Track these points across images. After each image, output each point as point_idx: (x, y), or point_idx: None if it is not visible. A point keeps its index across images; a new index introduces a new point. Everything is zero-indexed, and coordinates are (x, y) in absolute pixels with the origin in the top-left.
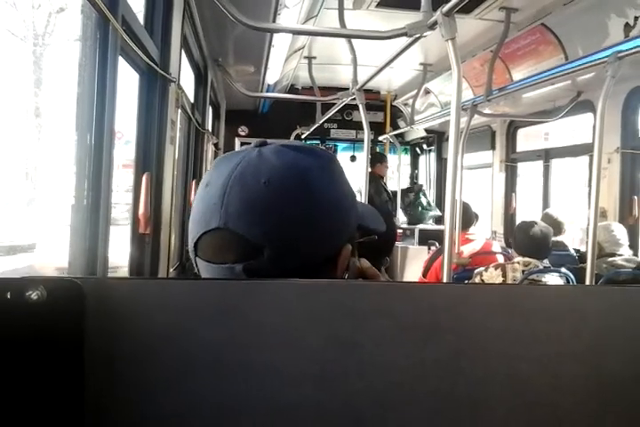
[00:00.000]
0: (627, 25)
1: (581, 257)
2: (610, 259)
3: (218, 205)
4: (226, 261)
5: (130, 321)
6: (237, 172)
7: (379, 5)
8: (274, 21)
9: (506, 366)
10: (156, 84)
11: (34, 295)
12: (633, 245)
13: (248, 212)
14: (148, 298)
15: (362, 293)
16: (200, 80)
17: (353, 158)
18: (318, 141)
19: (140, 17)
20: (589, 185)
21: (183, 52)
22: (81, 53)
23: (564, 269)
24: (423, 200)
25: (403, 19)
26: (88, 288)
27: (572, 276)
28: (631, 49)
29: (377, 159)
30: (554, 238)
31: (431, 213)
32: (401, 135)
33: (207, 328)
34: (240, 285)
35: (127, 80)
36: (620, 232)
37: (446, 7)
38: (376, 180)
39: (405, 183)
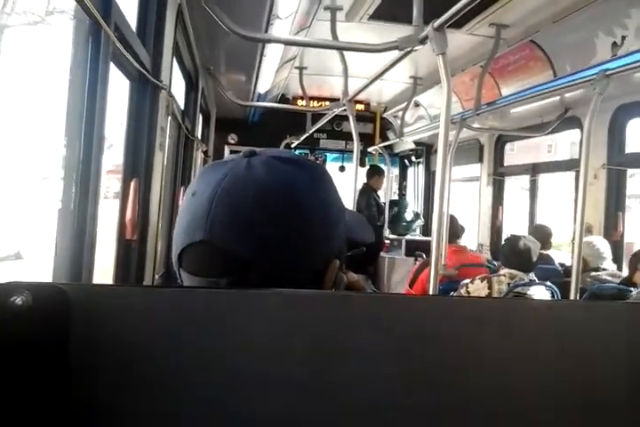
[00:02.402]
0: (614, 44)
1: (566, 271)
2: (594, 273)
3: (204, 217)
4: (210, 274)
5: (115, 328)
6: (225, 184)
7: (371, 18)
8: (266, 32)
9: (490, 378)
10: (146, 90)
11: (18, 300)
12: (617, 261)
13: (235, 226)
14: (134, 305)
15: (348, 303)
16: (191, 88)
17: (342, 169)
18: (307, 151)
19: (133, 23)
20: (575, 200)
21: (175, 59)
22: (72, 58)
23: (549, 283)
24: (407, 216)
25: (394, 32)
26: (74, 294)
27: (556, 289)
28: (618, 67)
29: (375, 172)
30: (540, 252)
31: (414, 226)
32: (390, 147)
33: (193, 337)
34: (227, 294)
35: (113, 84)
36: (604, 247)
37: (437, 22)
38: (369, 192)
39: (393, 195)
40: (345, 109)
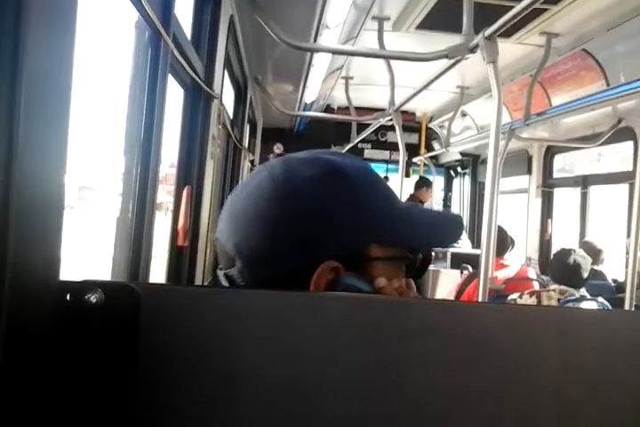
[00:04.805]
0: None
1: (619, 287)
2: None
3: (222, 216)
4: (221, 267)
5: (182, 327)
6: (237, 187)
7: (418, 28)
8: (315, 41)
9: (551, 390)
10: (199, 100)
11: (92, 298)
12: None
13: (227, 224)
14: (202, 305)
15: (406, 310)
16: (240, 97)
17: (386, 179)
18: None
19: (188, 33)
20: (629, 213)
21: (225, 69)
22: (132, 68)
23: (601, 299)
24: None
25: (439, 42)
26: (144, 293)
27: (609, 305)
28: None
29: (424, 184)
30: (592, 267)
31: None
32: (435, 157)
33: (258, 338)
34: (288, 296)
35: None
36: None
37: (488, 31)
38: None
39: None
40: (391, 119)
